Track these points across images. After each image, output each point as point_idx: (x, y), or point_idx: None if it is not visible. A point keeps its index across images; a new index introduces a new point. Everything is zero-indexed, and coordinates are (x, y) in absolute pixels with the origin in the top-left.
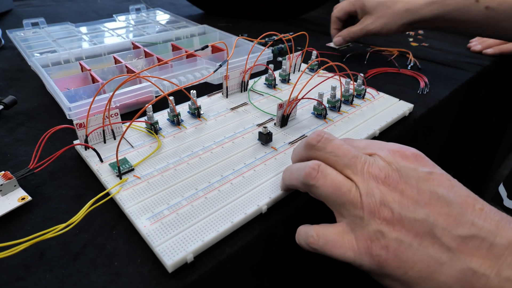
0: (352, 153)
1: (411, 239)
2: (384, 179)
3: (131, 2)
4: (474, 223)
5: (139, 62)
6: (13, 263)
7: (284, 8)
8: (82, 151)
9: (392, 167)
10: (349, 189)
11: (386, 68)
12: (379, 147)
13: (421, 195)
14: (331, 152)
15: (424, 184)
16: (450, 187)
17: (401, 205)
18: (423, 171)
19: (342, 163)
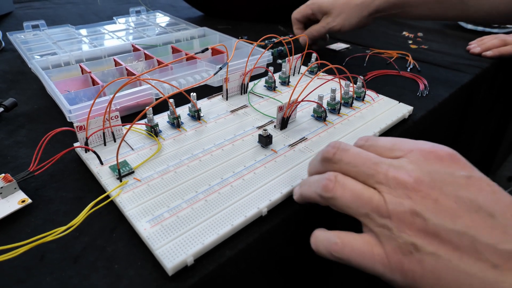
0: (373, 160)
1: (450, 254)
2: (414, 184)
3: (131, 4)
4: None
5: (139, 64)
6: (14, 265)
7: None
8: (82, 153)
9: (423, 171)
10: (370, 196)
11: (385, 70)
12: (408, 148)
13: (459, 204)
14: (349, 163)
15: (462, 192)
16: (491, 193)
17: (437, 214)
18: (461, 176)
19: (364, 173)
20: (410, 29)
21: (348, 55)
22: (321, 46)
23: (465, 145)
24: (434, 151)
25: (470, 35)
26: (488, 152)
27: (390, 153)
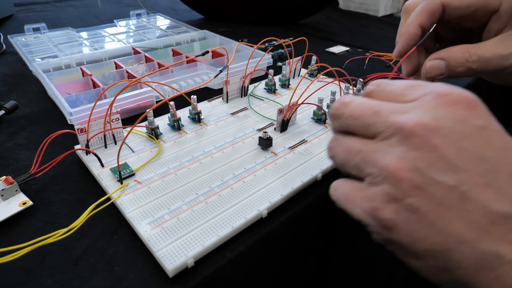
0: (374, 109)
1: (430, 208)
2: (414, 127)
3: (131, 7)
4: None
5: (139, 67)
6: (14, 267)
7: (284, 14)
8: (83, 156)
9: (429, 115)
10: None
11: (385, 73)
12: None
13: (459, 155)
14: (349, 116)
15: (468, 142)
16: (502, 149)
17: (429, 163)
18: (473, 125)
19: (363, 124)
20: None
21: (347, 57)
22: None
23: None
24: (449, 94)
25: None
26: None
27: (403, 97)
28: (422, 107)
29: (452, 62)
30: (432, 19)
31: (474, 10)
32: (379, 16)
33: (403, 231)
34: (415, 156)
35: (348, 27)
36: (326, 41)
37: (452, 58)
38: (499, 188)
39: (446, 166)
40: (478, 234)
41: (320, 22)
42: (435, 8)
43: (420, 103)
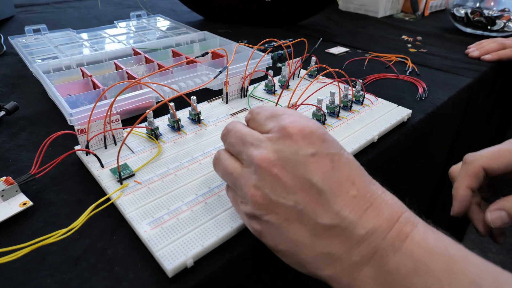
0: (242, 138)
1: (280, 222)
2: (260, 161)
3: (132, 8)
4: (339, 214)
5: (139, 68)
6: (14, 268)
7: (283, 15)
8: (83, 156)
9: (274, 148)
10: (231, 171)
11: (384, 74)
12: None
13: (295, 180)
14: (229, 143)
15: (300, 169)
16: (329, 171)
17: (273, 189)
18: (304, 154)
19: (235, 151)
20: (409, 33)
21: (347, 58)
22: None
23: (464, 149)
24: (288, 127)
25: (469, 39)
26: None
27: (263, 127)
28: (270, 140)
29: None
30: (478, 181)
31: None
32: (379, 17)
33: (267, 237)
34: (263, 184)
35: (348, 28)
36: (326, 41)
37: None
38: (324, 205)
39: (285, 191)
40: (314, 240)
41: (319, 23)
42: (477, 172)
43: (270, 136)
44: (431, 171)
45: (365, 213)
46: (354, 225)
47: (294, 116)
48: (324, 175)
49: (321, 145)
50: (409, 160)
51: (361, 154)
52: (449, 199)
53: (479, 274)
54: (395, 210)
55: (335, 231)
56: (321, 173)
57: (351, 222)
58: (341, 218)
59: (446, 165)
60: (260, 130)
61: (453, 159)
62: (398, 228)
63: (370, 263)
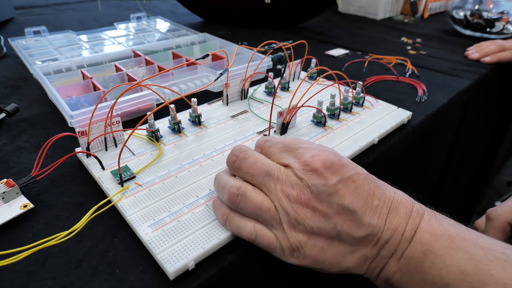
0: (265, 171)
1: (323, 243)
2: (296, 197)
3: (131, 10)
4: (370, 224)
5: (140, 70)
6: (15, 270)
7: (284, 17)
8: (84, 158)
9: (303, 184)
10: (268, 207)
11: (384, 76)
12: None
13: (330, 208)
14: (246, 172)
15: (332, 198)
16: (353, 192)
17: (313, 220)
18: (331, 184)
19: (258, 182)
20: (409, 35)
21: (347, 60)
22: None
23: (464, 150)
24: (312, 163)
25: (468, 41)
26: (486, 157)
27: (280, 159)
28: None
29: None
30: (505, 235)
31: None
32: (378, 19)
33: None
34: (303, 217)
35: (347, 30)
36: (326, 43)
37: None
38: (357, 222)
39: (323, 218)
40: (353, 248)
41: (319, 25)
42: (503, 227)
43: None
44: (431, 173)
45: (388, 217)
46: (382, 230)
47: (311, 149)
48: (352, 197)
49: (342, 170)
50: (409, 162)
51: (362, 156)
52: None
53: (474, 248)
54: (407, 207)
55: (368, 239)
56: (349, 196)
57: (379, 228)
58: (372, 227)
59: (445, 167)
60: (278, 161)
61: (453, 160)
62: (412, 222)
63: (394, 255)
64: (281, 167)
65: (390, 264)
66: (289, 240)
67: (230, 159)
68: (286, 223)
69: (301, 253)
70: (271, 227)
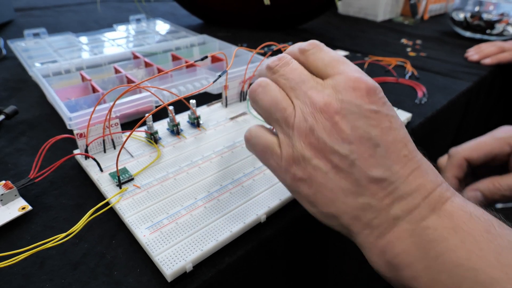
0: (302, 78)
1: (328, 169)
2: (323, 106)
3: (131, 12)
4: (391, 168)
5: (139, 72)
6: (13, 272)
7: (283, 19)
8: (82, 160)
9: (337, 97)
10: (285, 107)
11: (384, 77)
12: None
13: (353, 131)
14: (283, 75)
15: (361, 122)
16: (387, 129)
17: (330, 135)
18: (367, 109)
19: (289, 86)
20: (409, 36)
21: None
22: None
23: None
24: (356, 80)
25: (468, 43)
26: None
27: (324, 69)
28: (333, 88)
29: (486, 192)
30: (462, 171)
31: (493, 157)
32: (378, 21)
33: (307, 184)
34: (320, 129)
35: (347, 32)
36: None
37: (485, 189)
38: (378, 159)
39: (341, 139)
40: (359, 190)
41: (319, 27)
42: (461, 162)
43: (333, 83)
44: None
45: (413, 172)
46: (402, 181)
47: (358, 71)
48: (382, 131)
49: (383, 105)
50: None
51: None
52: None
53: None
54: (438, 177)
55: (383, 184)
56: (380, 129)
57: (400, 177)
58: (392, 172)
59: None
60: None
61: None
62: (440, 192)
63: (407, 218)
64: (321, 80)
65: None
66: (293, 148)
67: (274, 61)
68: (298, 129)
69: (300, 169)
70: (280, 129)
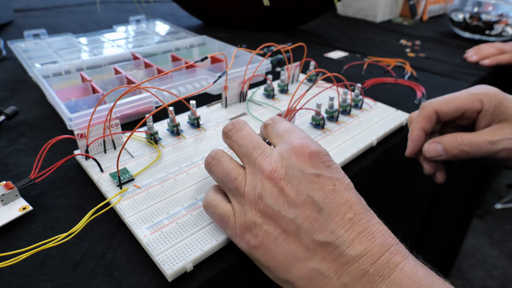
0: (253, 144)
1: (278, 234)
2: (270, 173)
3: (131, 13)
4: (335, 232)
5: (139, 72)
6: (14, 272)
7: (283, 20)
8: (83, 161)
9: (282, 163)
10: (235, 177)
11: (383, 78)
12: (287, 139)
13: (298, 196)
14: (236, 141)
15: (304, 186)
16: (330, 192)
17: (277, 201)
18: (309, 173)
19: (241, 153)
20: (408, 37)
21: (346, 63)
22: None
23: None
24: (300, 147)
25: (467, 44)
26: None
27: (276, 139)
28: (280, 155)
29: (446, 145)
30: (430, 123)
31: (463, 112)
32: (377, 22)
33: (260, 251)
34: (268, 195)
35: (347, 32)
36: (324, 46)
37: (446, 142)
38: (321, 222)
39: (287, 204)
40: (308, 254)
41: (318, 28)
42: (430, 114)
43: (280, 151)
44: None
45: (358, 236)
46: (347, 245)
47: (306, 138)
48: (325, 195)
49: (326, 169)
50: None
51: (360, 159)
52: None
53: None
54: (387, 240)
55: (329, 248)
56: (323, 193)
57: (345, 242)
58: (336, 236)
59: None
60: (272, 141)
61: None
62: (388, 257)
63: (358, 286)
64: (270, 147)
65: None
66: (245, 215)
67: (227, 127)
68: (248, 196)
69: (253, 236)
70: (233, 198)
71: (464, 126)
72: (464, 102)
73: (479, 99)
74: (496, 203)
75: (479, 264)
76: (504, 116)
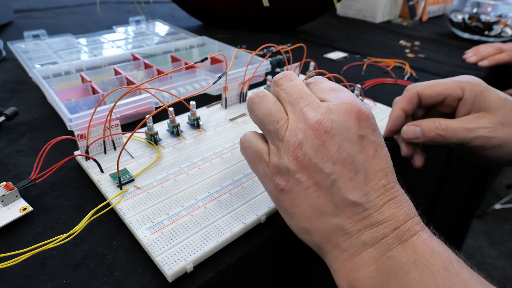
0: (301, 94)
1: (309, 184)
2: (315, 124)
3: (131, 14)
4: (368, 195)
5: (139, 73)
6: (14, 273)
7: (282, 20)
8: (83, 162)
9: (329, 117)
10: (277, 119)
11: (383, 79)
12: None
13: (339, 153)
14: (285, 89)
15: (347, 145)
16: (370, 156)
17: (316, 153)
18: (355, 133)
19: (288, 100)
20: (407, 38)
21: (345, 64)
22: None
23: None
24: (350, 104)
25: (467, 44)
26: None
27: (322, 95)
28: (327, 108)
29: (424, 128)
30: (411, 105)
31: (444, 97)
32: (377, 23)
33: (288, 196)
34: (309, 145)
35: (346, 33)
36: (324, 47)
37: (424, 125)
38: (357, 183)
39: (326, 158)
40: (335, 211)
41: (318, 29)
42: (412, 96)
43: (328, 105)
44: (430, 175)
45: (388, 203)
46: (376, 209)
47: (355, 98)
48: (365, 158)
49: (371, 132)
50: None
51: None
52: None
53: (471, 278)
54: (411, 210)
55: (357, 209)
56: (363, 155)
57: (375, 206)
58: (367, 199)
59: (445, 169)
60: (318, 96)
61: (452, 163)
62: (410, 225)
63: (376, 246)
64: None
65: (367, 254)
66: (280, 159)
67: (278, 76)
68: (287, 142)
69: (283, 180)
70: (270, 140)
71: (446, 113)
72: (447, 87)
73: (461, 86)
74: (495, 204)
75: (479, 265)
76: (483, 106)
